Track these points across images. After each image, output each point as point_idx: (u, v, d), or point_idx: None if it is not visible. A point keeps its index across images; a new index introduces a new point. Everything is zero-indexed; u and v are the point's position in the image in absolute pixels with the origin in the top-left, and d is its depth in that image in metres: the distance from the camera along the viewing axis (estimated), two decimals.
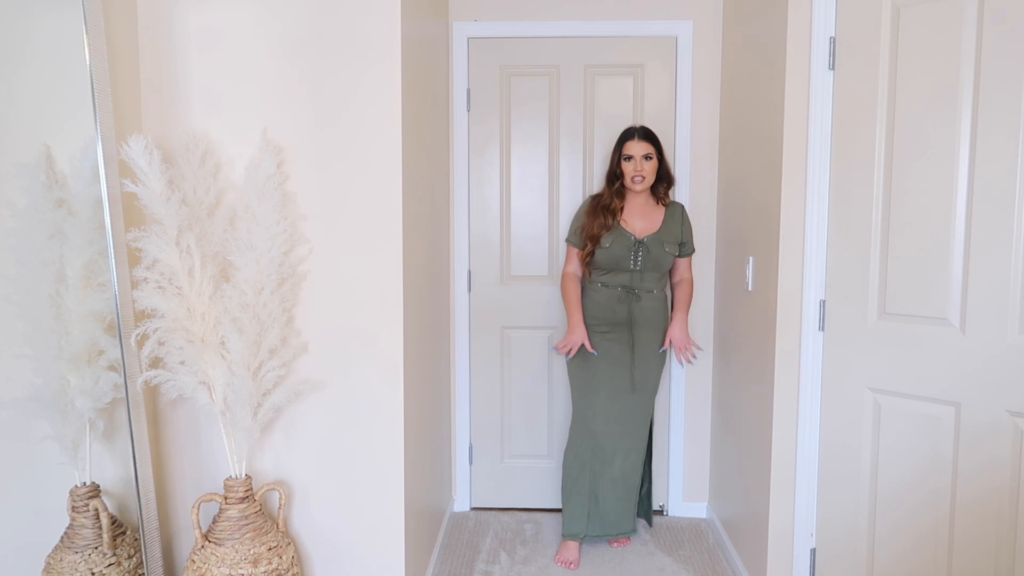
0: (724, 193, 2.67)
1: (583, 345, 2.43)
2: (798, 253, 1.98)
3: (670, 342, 2.49)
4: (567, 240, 2.55)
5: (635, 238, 2.40)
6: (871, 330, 1.88)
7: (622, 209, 2.43)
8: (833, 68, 1.91)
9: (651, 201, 2.48)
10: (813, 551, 2.05)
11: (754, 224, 2.26)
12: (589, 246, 2.41)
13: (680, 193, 2.76)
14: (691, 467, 2.89)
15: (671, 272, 2.56)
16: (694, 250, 2.57)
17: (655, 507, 2.90)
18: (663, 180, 2.47)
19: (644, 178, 2.38)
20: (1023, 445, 1.64)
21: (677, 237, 2.46)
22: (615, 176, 2.43)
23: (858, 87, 1.86)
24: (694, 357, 2.51)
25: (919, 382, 1.80)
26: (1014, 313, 1.63)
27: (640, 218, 2.44)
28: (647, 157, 2.38)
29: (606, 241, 2.39)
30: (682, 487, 2.90)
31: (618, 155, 2.43)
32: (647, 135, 2.40)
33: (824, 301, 1.97)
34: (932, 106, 1.73)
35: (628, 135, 2.42)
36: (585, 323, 2.47)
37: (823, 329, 1.98)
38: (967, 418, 1.72)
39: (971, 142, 1.67)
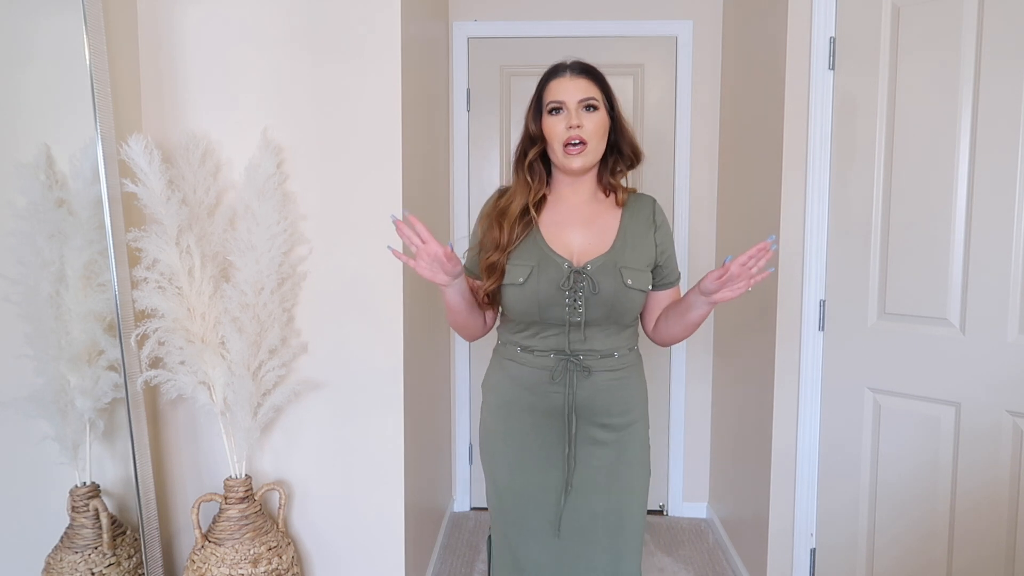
0: (724, 193, 2.67)
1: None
2: (798, 253, 1.98)
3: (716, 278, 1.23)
4: (464, 266, 1.40)
5: (570, 265, 1.34)
6: (871, 330, 1.88)
7: (540, 208, 1.40)
8: (833, 68, 1.91)
9: (597, 193, 1.43)
10: (813, 551, 2.05)
11: (754, 224, 2.26)
12: (489, 281, 1.38)
13: (680, 193, 2.76)
14: (691, 467, 2.89)
15: (643, 313, 1.47)
16: (679, 276, 1.46)
17: (655, 507, 2.90)
18: (618, 153, 1.41)
19: (586, 144, 1.33)
20: (1023, 445, 1.64)
21: (649, 257, 1.38)
22: (532, 142, 1.39)
23: (858, 87, 1.86)
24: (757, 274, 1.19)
25: (919, 382, 1.80)
26: (1014, 313, 1.63)
27: (579, 227, 1.39)
28: (589, 107, 1.34)
29: (518, 273, 1.35)
30: (682, 487, 2.90)
31: (535, 107, 1.40)
32: (585, 69, 1.37)
33: (824, 301, 1.97)
34: (932, 106, 1.73)
35: (554, 71, 1.39)
36: (492, 419, 1.47)
37: (823, 329, 1.98)
38: (967, 418, 1.72)
39: (971, 142, 1.67)
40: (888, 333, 1.85)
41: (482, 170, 2.84)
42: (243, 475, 1.72)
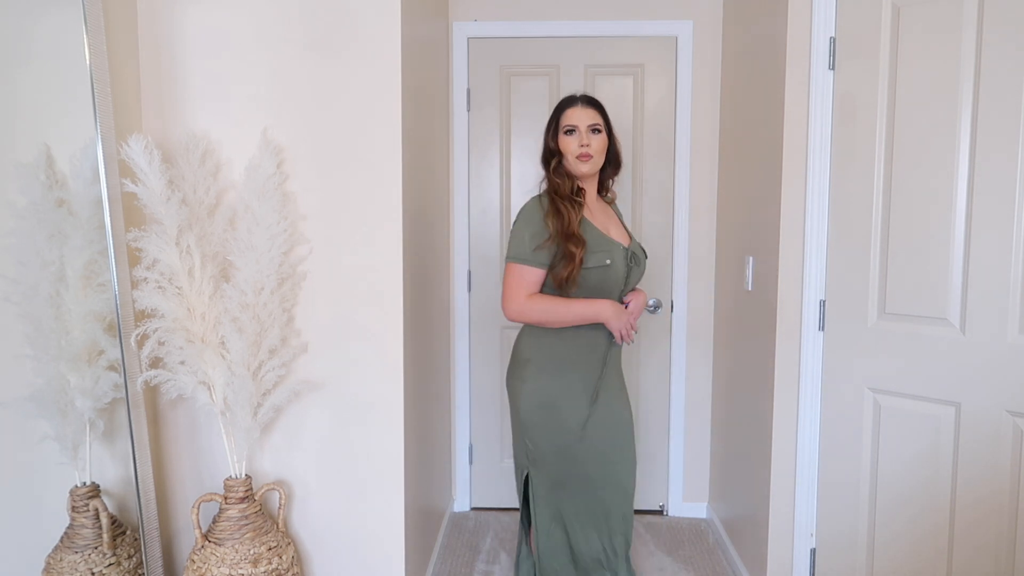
0: (724, 193, 2.67)
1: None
2: (798, 253, 1.98)
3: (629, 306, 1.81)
4: (522, 260, 1.71)
5: (625, 248, 1.81)
6: (871, 330, 1.88)
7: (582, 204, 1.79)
8: (833, 68, 1.91)
9: (596, 194, 1.89)
10: (813, 551, 2.05)
11: (754, 224, 2.26)
12: (567, 268, 1.68)
13: (680, 193, 2.76)
14: (691, 467, 2.89)
15: None
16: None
17: (655, 507, 2.90)
18: (612, 165, 1.88)
19: (592, 157, 1.77)
20: (1023, 445, 1.64)
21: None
22: (551, 154, 1.81)
23: (858, 87, 1.86)
24: (630, 340, 1.81)
25: (919, 382, 1.80)
26: (1014, 313, 1.63)
27: (605, 220, 1.86)
28: (595, 130, 1.78)
29: (603, 256, 1.73)
30: (682, 487, 2.90)
31: (554, 128, 1.82)
32: (592, 102, 1.82)
33: (824, 301, 1.97)
34: (932, 106, 1.73)
35: (568, 102, 1.82)
36: (548, 375, 1.79)
37: (823, 329, 1.98)
38: (967, 418, 1.72)
39: (971, 142, 1.67)
40: (888, 333, 1.85)
41: (482, 170, 2.84)
42: (243, 475, 1.72)
